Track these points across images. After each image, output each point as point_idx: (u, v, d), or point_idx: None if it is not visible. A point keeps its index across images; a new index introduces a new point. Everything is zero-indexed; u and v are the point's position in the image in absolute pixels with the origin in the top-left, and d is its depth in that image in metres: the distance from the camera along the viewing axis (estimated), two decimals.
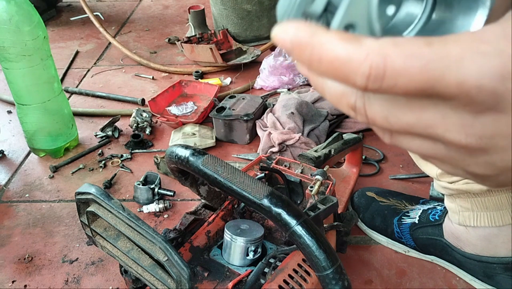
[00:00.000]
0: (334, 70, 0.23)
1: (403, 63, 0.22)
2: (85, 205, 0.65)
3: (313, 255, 0.54)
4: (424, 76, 0.22)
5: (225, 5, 1.72)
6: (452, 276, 0.89)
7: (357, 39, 0.22)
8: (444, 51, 0.22)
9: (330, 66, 0.23)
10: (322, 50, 0.23)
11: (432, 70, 0.22)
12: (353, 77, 0.22)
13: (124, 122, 1.37)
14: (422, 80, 0.22)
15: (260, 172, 0.85)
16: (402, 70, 0.22)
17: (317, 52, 0.23)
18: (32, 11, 1.10)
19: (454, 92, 0.22)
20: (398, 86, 0.22)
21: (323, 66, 0.23)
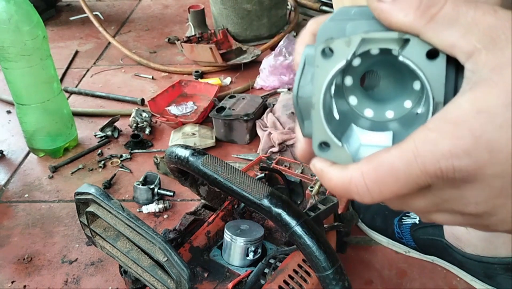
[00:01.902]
0: (340, 192, 0.29)
1: (375, 175, 0.27)
2: (85, 205, 0.65)
3: (313, 255, 0.53)
4: (395, 178, 0.26)
5: (225, 4, 1.71)
6: (453, 276, 0.89)
7: (344, 168, 0.28)
8: (400, 151, 0.26)
9: (337, 191, 0.29)
10: (329, 181, 0.30)
11: (397, 171, 0.26)
12: (351, 195, 0.28)
13: (123, 122, 1.37)
14: (395, 182, 0.26)
15: (260, 172, 0.85)
16: (377, 181, 0.27)
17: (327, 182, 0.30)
18: (31, 10, 1.09)
19: (427, 180, 0.26)
20: (384, 193, 0.27)
21: (334, 191, 0.30)
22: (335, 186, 0.29)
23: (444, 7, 0.26)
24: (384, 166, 0.26)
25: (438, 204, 0.28)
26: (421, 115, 0.30)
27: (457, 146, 0.25)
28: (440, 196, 0.28)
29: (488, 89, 0.25)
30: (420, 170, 0.26)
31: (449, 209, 0.29)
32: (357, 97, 0.32)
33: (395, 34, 0.28)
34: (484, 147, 0.25)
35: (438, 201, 0.28)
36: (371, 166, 0.27)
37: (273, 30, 1.77)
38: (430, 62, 0.28)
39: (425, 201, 0.29)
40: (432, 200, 0.28)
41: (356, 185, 0.28)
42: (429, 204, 0.29)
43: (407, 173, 0.26)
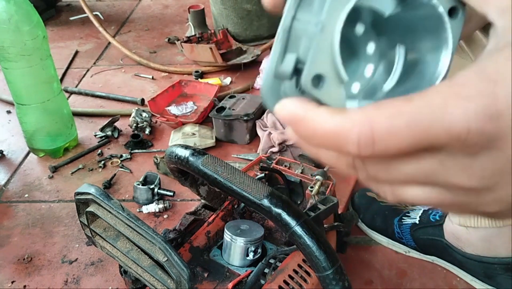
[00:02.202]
0: (327, 143, 0.24)
1: (388, 124, 0.22)
2: (85, 205, 0.65)
3: (313, 255, 0.53)
4: (412, 132, 0.22)
5: (225, 4, 1.71)
6: (453, 276, 0.89)
7: (344, 111, 0.23)
8: (425, 104, 0.22)
9: (323, 140, 0.24)
10: (314, 125, 0.24)
11: (418, 125, 0.22)
12: (345, 147, 0.23)
13: (123, 122, 1.37)
14: (411, 136, 0.22)
15: (260, 172, 0.85)
16: (389, 131, 0.22)
17: (310, 127, 0.24)
18: (31, 10, 1.09)
19: (445, 140, 0.22)
20: (389, 147, 0.23)
21: (317, 139, 0.24)
22: (324, 132, 0.24)
23: None
24: (403, 116, 0.22)
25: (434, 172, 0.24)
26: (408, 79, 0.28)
27: (493, 106, 0.21)
28: (444, 161, 0.24)
29: None
30: (444, 129, 0.22)
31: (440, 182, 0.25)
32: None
33: None
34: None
35: (436, 168, 0.24)
36: (385, 114, 0.23)
37: (273, 30, 1.77)
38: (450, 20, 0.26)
39: (420, 164, 0.24)
40: (430, 165, 0.24)
41: (359, 133, 0.23)
42: (422, 169, 0.24)
43: (429, 128, 0.22)
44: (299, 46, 0.26)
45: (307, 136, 0.25)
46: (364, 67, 0.30)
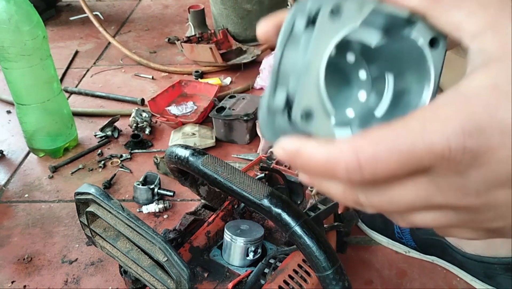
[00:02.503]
0: (320, 172, 0.26)
1: (372, 150, 0.24)
2: (85, 205, 0.65)
3: (313, 255, 0.53)
4: (396, 156, 0.23)
5: (225, 4, 1.71)
6: (453, 276, 0.89)
7: (332, 141, 0.25)
8: (405, 128, 0.24)
9: (316, 169, 0.26)
10: (307, 158, 0.26)
11: (400, 148, 0.23)
12: (337, 174, 0.25)
13: (123, 122, 1.37)
14: (395, 160, 0.23)
15: (260, 172, 0.85)
16: (374, 156, 0.24)
17: (304, 159, 0.26)
18: (31, 10, 1.09)
19: (430, 161, 0.23)
20: (377, 172, 0.24)
21: (311, 170, 0.26)
22: (316, 163, 0.25)
23: None
24: (385, 142, 0.23)
25: (431, 196, 0.25)
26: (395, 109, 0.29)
27: (470, 122, 0.22)
28: (437, 183, 0.25)
29: (502, 66, 0.23)
30: (426, 148, 0.23)
31: (441, 204, 0.25)
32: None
33: (405, 13, 0.27)
34: (497, 126, 0.22)
35: (432, 191, 0.25)
36: (368, 140, 0.24)
37: None
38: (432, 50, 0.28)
39: (417, 190, 0.25)
40: (426, 189, 0.25)
41: (346, 161, 0.24)
42: (419, 195, 0.25)
43: (411, 150, 0.23)
44: (288, 82, 0.27)
45: (304, 168, 0.27)
46: (358, 93, 0.32)
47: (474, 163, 0.23)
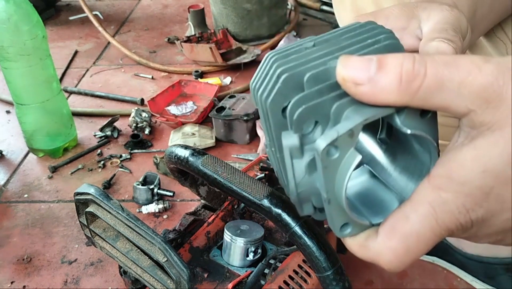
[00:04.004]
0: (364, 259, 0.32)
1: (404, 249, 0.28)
2: (84, 206, 0.65)
3: (314, 255, 0.53)
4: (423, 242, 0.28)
5: (225, 4, 1.71)
6: (453, 276, 0.88)
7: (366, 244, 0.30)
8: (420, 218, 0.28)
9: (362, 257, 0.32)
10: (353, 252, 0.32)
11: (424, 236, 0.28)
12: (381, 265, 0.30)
13: (123, 122, 1.37)
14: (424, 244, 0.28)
15: (260, 172, 0.85)
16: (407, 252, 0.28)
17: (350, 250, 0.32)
18: (31, 10, 1.09)
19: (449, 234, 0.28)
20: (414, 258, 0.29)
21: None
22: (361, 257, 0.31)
23: (426, 78, 0.26)
24: (411, 237, 0.28)
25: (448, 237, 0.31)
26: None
27: (471, 202, 0.27)
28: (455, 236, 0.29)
29: (489, 147, 0.26)
30: (443, 230, 0.27)
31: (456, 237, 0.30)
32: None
33: (391, 110, 0.27)
34: (495, 200, 0.26)
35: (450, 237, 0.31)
36: (397, 240, 0.28)
37: (273, 30, 1.77)
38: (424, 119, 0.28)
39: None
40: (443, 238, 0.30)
41: (385, 261, 0.29)
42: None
43: (433, 236, 0.28)
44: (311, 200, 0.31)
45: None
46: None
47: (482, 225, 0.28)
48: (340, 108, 0.27)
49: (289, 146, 0.28)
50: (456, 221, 0.27)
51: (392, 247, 0.28)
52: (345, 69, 0.26)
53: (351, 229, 0.30)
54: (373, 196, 0.33)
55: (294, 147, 0.28)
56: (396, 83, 0.26)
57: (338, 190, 0.28)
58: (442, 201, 0.27)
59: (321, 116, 0.27)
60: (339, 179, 0.28)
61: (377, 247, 0.29)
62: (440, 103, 0.26)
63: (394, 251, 0.28)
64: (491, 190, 0.26)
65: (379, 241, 0.29)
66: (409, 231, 0.28)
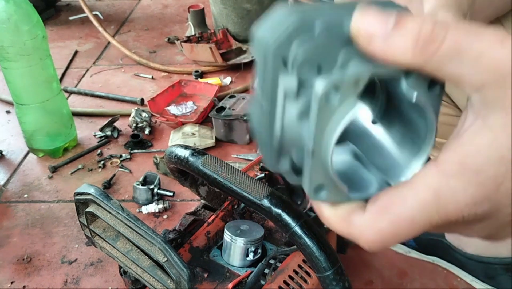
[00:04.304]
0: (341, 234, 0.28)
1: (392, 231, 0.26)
2: (84, 206, 0.65)
3: (314, 256, 0.53)
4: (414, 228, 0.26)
5: (225, 4, 1.71)
6: (453, 277, 0.88)
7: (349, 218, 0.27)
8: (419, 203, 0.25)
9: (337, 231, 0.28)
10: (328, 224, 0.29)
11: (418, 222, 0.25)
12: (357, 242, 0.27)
13: (123, 122, 1.37)
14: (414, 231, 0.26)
15: (260, 172, 0.85)
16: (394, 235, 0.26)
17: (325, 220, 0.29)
18: (31, 10, 1.09)
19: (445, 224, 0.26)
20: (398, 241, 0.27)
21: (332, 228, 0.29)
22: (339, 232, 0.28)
23: (445, 42, 0.24)
24: (403, 222, 0.25)
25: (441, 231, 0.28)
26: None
27: (480, 194, 0.24)
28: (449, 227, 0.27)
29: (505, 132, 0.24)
30: (441, 220, 0.25)
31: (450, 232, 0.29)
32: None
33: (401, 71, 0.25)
34: (505, 193, 0.24)
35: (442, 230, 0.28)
36: (387, 221, 0.26)
37: None
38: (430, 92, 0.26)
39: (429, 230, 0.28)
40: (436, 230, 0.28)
41: (368, 240, 0.27)
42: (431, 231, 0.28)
43: (427, 225, 0.25)
44: (291, 152, 0.28)
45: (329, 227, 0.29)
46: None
47: (483, 219, 0.26)
48: (348, 57, 0.25)
49: (286, 85, 0.26)
50: (459, 214, 0.25)
51: (380, 228, 0.26)
52: (361, 20, 0.25)
53: (327, 193, 0.27)
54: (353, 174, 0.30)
55: (290, 88, 0.26)
56: (412, 43, 0.24)
57: (327, 140, 0.26)
58: (450, 190, 0.24)
59: (326, 61, 0.25)
60: (330, 128, 0.25)
61: (362, 224, 0.27)
62: (454, 72, 0.24)
63: (381, 232, 0.26)
64: (503, 181, 0.24)
65: (366, 218, 0.27)
66: (403, 214, 0.25)
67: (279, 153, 0.28)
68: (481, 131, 0.24)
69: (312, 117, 0.25)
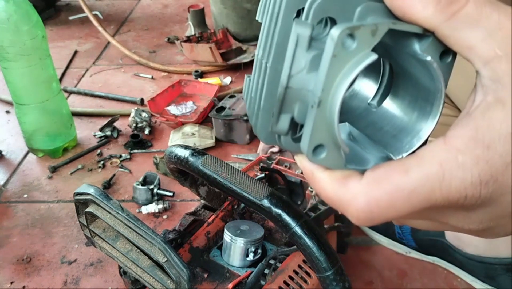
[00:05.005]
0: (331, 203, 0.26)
1: (388, 200, 0.24)
2: (84, 206, 0.64)
3: (314, 256, 0.53)
4: (411, 203, 0.24)
5: (225, 4, 1.71)
6: (454, 277, 0.88)
7: (344, 180, 0.25)
8: (423, 175, 0.24)
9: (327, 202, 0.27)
10: (319, 187, 0.27)
11: (417, 197, 0.24)
12: (346, 212, 0.25)
13: (123, 122, 1.37)
14: (410, 206, 0.24)
15: (260, 172, 0.85)
16: (389, 206, 0.24)
17: (317, 187, 0.27)
18: (30, 10, 1.09)
19: (443, 204, 0.24)
20: (388, 217, 0.25)
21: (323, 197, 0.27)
22: (328, 197, 0.26)
23: (467, 5, 0.24)
24: (402, 192, 0.24)
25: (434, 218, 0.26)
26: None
27: (488, 172, 0.23)
28: (444, 213, 0.26)
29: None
30: (443, 197, 0.24)
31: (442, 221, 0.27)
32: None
33: (418, 29, 0.25)
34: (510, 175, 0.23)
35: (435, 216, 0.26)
36: (384, 190, 0.24)
37: None
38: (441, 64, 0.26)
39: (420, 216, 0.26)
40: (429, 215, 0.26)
41: (357, 208, 0.25)
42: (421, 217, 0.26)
43: (425, 201, 0.24)
44: (293, 108, 0.26)
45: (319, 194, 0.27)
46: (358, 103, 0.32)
47: (483, 205, 0.24)
48: (366, 12, 0.25)
49: (298, 32, 0.24)
50: (463, 192, 0.23)
51: (375, 196, 0.24)
52: None
53: (325, 154, 0.26)
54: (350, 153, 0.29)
55: (303, 36, 0.24)
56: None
57: (336, 89, 0.24)
58: (458, 165, 0.23)
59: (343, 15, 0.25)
60: (342, 77, 0.24)
61: (356, 189, 0.25)
62: (467, 40, 0.24)
63: (375, 200, 0.24)
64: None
65: (363, 183, 0.25)
66: (403, 185, 0.24)
67: (280, 109, 0.26)
68: (492, 106, 0.23)
69: (324, 63, 0.24)
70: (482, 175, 0.23)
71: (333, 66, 0.24)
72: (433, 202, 0.24)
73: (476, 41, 0.24)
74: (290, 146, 0.28)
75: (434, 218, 0.26)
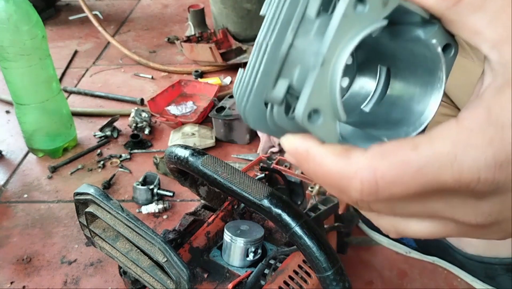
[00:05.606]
0: (329, 185, 0.24)
1: (394, 174, 0.22)
2: (84, 206, 0.64)
3: (314, 256, 0.53)
4: (419, 181, 0.22)
5: (225, 4, 1.71)
6: (454, 277, 0.88)
7: (346, 153, 0.23)
8: (434, 152, 0.22)
9: (325, 180, 0.24)
10: (317, 165, 0.24)
11: (426, 174, 0.22)
12: (348, 192, 0.23)
13: (123, 122, 1.37)
14: (418, 184, 0.22)
15: (260, 172, 0.85)
16: (395, 181, 0.22)
17: (314, 166, 0.24)
18: (30, 10, 1.09)
19: (454, 187, 0.22)
20: (394, 194, 0.23)
21: (320, 180, 0.24)
22: (328, 174, 0.24)
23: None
24: (410, 167, 0.22)
25: (439, 210, 0.24)
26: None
27: (503, 154, 0.21)
28: (452, 202, 0.24)
29: None
30: (454, 178, 0.22)
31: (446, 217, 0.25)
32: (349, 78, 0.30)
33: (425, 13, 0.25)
34: None
35: (442, 207, 0.24)
36: (391, 162, 0.22)
37: None
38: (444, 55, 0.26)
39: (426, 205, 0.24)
40: (436, 205, 0.24)
41: (362, 181, 0.22)
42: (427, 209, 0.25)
43: (436, 178, 0.22)
44: (292, 73, 0.25)
45: (311, 174, 0.25)
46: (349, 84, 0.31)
47: (496, 191, 0.23)
48: None
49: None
50: (476, 174, 0.21)
51: (380, 169, 0.22)
52: None
53: (321, 121, 0.24)
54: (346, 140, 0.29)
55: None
56: None
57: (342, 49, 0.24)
58: (471, 145, 0.21)
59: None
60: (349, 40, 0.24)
61: (360, 161, 0.23)
62: (473, 24, 0.24)
63: (380, 172, 0.22)
64: None
65: (368, 156, 0.23)
66: (412, 161, 0.22)
67: (280, 71, 0.25)
68: (503, 88, 0.23)
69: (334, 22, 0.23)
70: (497, 156, 0.21)
71: (342, 26, 0.23)
72: (442, 182, 0.22)
73: (481, 25, 0.24)
74: (282, 120, 0.26)
75: (440, 210, 0.25)
